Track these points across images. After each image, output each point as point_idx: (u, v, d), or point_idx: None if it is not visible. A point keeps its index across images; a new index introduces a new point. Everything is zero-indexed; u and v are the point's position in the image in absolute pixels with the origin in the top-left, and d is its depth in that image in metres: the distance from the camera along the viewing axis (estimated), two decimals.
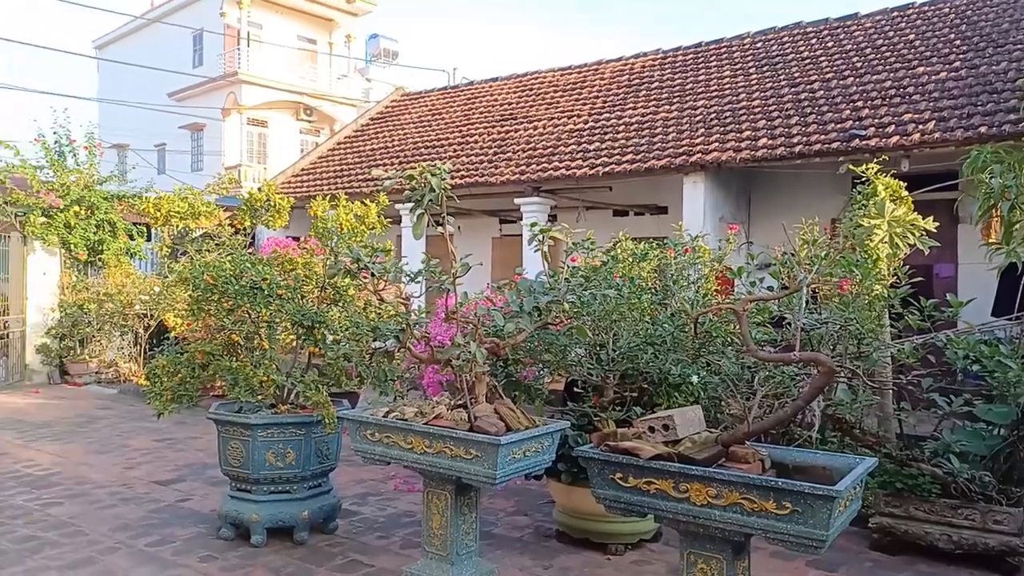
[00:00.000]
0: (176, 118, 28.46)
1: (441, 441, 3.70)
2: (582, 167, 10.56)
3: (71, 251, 12.17)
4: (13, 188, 11.77)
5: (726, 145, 9.64)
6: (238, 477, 4.83)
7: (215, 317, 5.16)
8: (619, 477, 3.22)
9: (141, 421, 8.82)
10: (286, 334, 5.47)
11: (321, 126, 29.73)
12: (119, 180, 13.58)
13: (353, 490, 5.93)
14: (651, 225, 11.41)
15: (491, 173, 11.58)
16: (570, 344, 4.34)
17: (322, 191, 13.73)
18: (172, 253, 12.37)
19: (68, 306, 12.07)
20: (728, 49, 13.07)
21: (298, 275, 5.38)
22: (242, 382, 4.88)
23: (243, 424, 4.73)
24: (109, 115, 30.07)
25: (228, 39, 27.83)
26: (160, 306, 11.05)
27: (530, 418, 3.90)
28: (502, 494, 5.70)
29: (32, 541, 4.77)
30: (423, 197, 3.98)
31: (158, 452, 7.32)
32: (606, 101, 12.72)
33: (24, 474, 6.41)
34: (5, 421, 8.76)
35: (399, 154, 14.40)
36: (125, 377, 11.92)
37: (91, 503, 5.60)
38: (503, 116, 13.84)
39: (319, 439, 4.88)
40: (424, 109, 16.35)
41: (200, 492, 5.93)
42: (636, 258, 4.80)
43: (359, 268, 4.41)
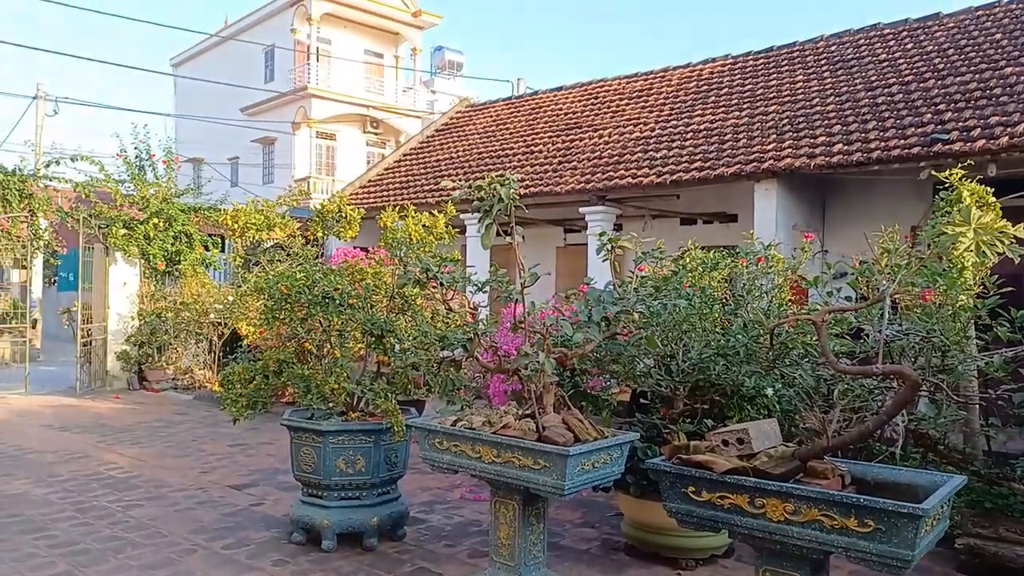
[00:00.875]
0: (248, 132, 29.42)
1: (509, 451, 3.70)
2: (649, 175, 10.45)
3: (150, 262, 12.66)
4: (97, 201, 12.35)
5: (799, 151, 9.40)
6: (309, 483, 4.92)
7: (288, 325, 5.29)
8: (692, 491, 3.16)
9: (216, 426, 9.10)
10: (355, 343, 5.56)
11: (387, 138, 30.29)
12: (195, 193, 14.09)
13: (420, 498, 5.98)
14: (720, 233, 11.20)
15: (556, 182, 11.58)
16: (639, 355, 4.29)
17: (388, 202, 13.97)
18: (245, 263, 12.77)
19: (147, 315, 12.55)
20: (801, 53, 12.77)
21: (368, 285, 5.47)
22: (314, 389, 4.98)
23: (315, 431, 4.83)
24: (185, 130, 31.32)
25: (298, 55, 28.65)
26: (233, 315, 11.38)
27: (599, 429, 3.86)
28: (568, 505, 5.66)
29: (115, 541, 4.96)
30: (491, 207, 4.00)
31: (232, 457, 7.53)
32: (673, 108, 12.57)
33: (107, 476, 6.68)
34: (89, 425, 9.15)
35: (464, 165, 14.54)
36: (200, 383, 12.31)
37: (169, 505, 5.79)
38: (568, 125, 13.83)
39: (388, 446, 4.93)
40: (488, 120, 16.48)
41: (272, 497, 6.07)
42: (706, 267, 4.71)
43: (428, 278, 4.47)
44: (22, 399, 11.03)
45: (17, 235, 11.98)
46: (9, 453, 7.53)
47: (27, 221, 12.11)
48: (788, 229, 9.30)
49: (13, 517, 5.42)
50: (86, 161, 12.47)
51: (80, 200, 12.34)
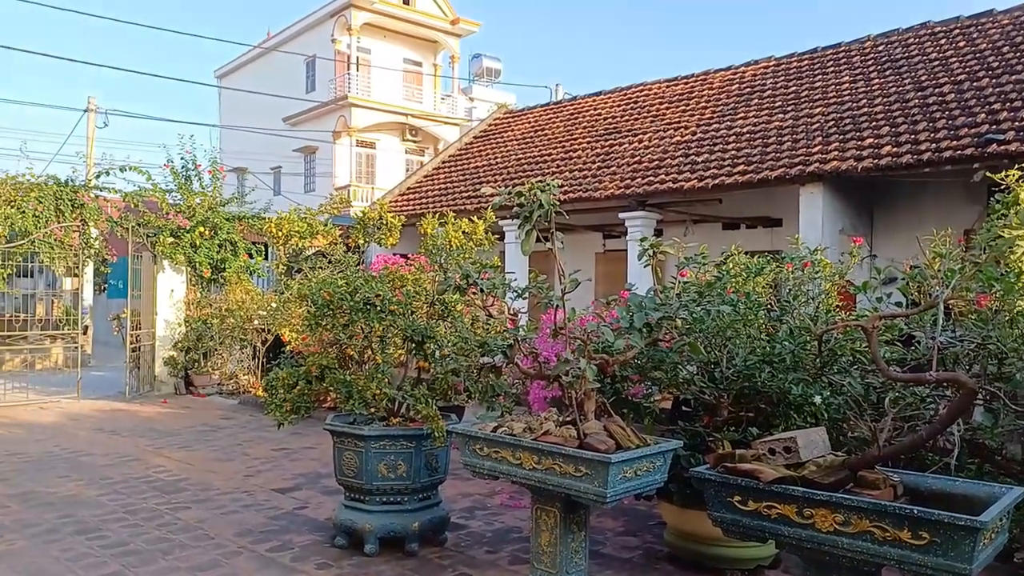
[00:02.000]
0: (290, 142, 29.94)
1: (550, 457, 3.68)
2: (690, 179, 10.35)
3: (196, 269, 12.93)
4: (145, 210, 12.66)
5: (846, 154, 9.22)
6: (352, 487, 4.96)
7: (330, 331, 5.35)
8: (738, 500, 3.11)
9: (260, 431, 9.23)
10: (395, 349, 5.60)
11: (425, 146, 30.55)
12: (239, 202, 14.36)
13: (460, 503, 5.98)
14: (764, 238, 11.04)
15: (595, 188, 11.54)
16: (681, 361, 4.23)
17: (428, 209, 14.08)
18: (287, 271, 12.96)
19: (193, 321, 12.81)
20: (847, 53, 12.54)
21: (408, 291, 5.51)
22: (356, 395, 5.03)
23: (357, 435, 4.86)
24: (230, 140, 31.99)
25: (339, 65, 29.08)
26: (276, 321, 11.56)
27: (641, 437, 3.82)
28: (610, 513, 5.61)
29: (164, 543, 5.06)
30: (532, 213, 3.99)
31: (276, 461, 7.63)
32: (715, 111, 12.44)
33: (156, 479, 6.82)
34: (138, 429, 9.37)
35: (502, 171, 14.57)
36: (244, 388, 12.51)
37: (216, 508, 5.89)
38: (607, 130, 13.78)
39: (429, 452, 4.95)
40: (527, 126, 16.51)
41: (315, 500, 6.14)
42: (750, 273, 4.63)
43: (468, 284, 4.48)
44: (75, 403, 11.35)
45: (69, 244, 12.33)
46: (63, 456, 7.74)
47: (79, 230, 12.46)
48: (835, 233, 9.12)
49: (67, 518, 5.57)
50: (134, 171, 12.81)
51: (129, 209, 12.66)
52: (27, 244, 11.72)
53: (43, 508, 5.82)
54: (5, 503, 5.95)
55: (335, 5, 29.03)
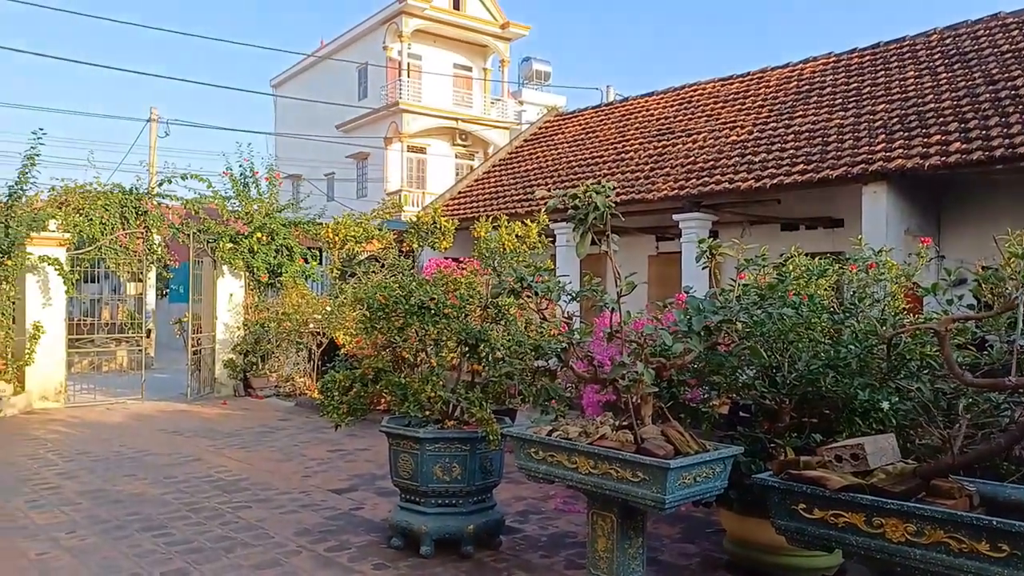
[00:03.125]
0: (343, 148, 30.45)
1: (607, 462, 3.64)
2: (747, 180, 10.15)
3: (254, 274, 13.23)
4: (205, 217, 13.02)
5: (911, 151, 8.92)
6: (407, 489, 5.00)
7: (385, 334, 5.40)
8: (803, 508, 3.03)
9: (316, 432, 9.39)
10: (448, 351, 5.62)
11: (475, 150, 30.71)
12: (295, 208, 14.65)
13: (514, 507, 5.97)
14: (825, 239, 10.77)
15: (648, 189, 11.42)
16: (741, 365, 4.15)
17: (478, 213, 14.14)
18: (341, 275, 13.16)
19: (251, 325, 13.11)
20: (911, 47, 12.15)
21: (462, 294, 5.53)
22: (411, 397, 5.06)
23: (413, 438, 4.90)
24: (285, 148, 32.70)
25: (390, 71, 29.47)
26: (331, 325, 11.74)
27: (700, 442, 3.76)
28: (666, 520, 5.53)
29: (226, 541, 5.17)
30: (587, 216, 3.97)
31: (332, 462, 7.74)
32: (772, 109, 12.19)
33: (217, 478, 6.99)
34: (200, 430, 9.62)
35: (553, 174, 14.55)
36: (300, 391, 12.73)
37: (275, 508, 6.00)
38: (660, 131, 13.63)
39: (483, 455, 4.96)
40: (578, 128, 16.45)
41: (371, 502, 6.20)
42: (812, 275, 4.52)
43: (522, 287, 4.47)
44: (139, 404, 11.71)
45: (134, 250, 12.75)
46: (129, 455, 7.99)
47: (143, 237, 12.88)
48: (900, 234, 8.83)
49: (134, 515, 5.75)
50: (195, 179, 13.18)
51: (189, 216, 13.03)
52: (94, 250, 12.15)
53: (111, 505, 6.01)
54: (76, 500, 6.17)
55: (387, 13, 29.44)
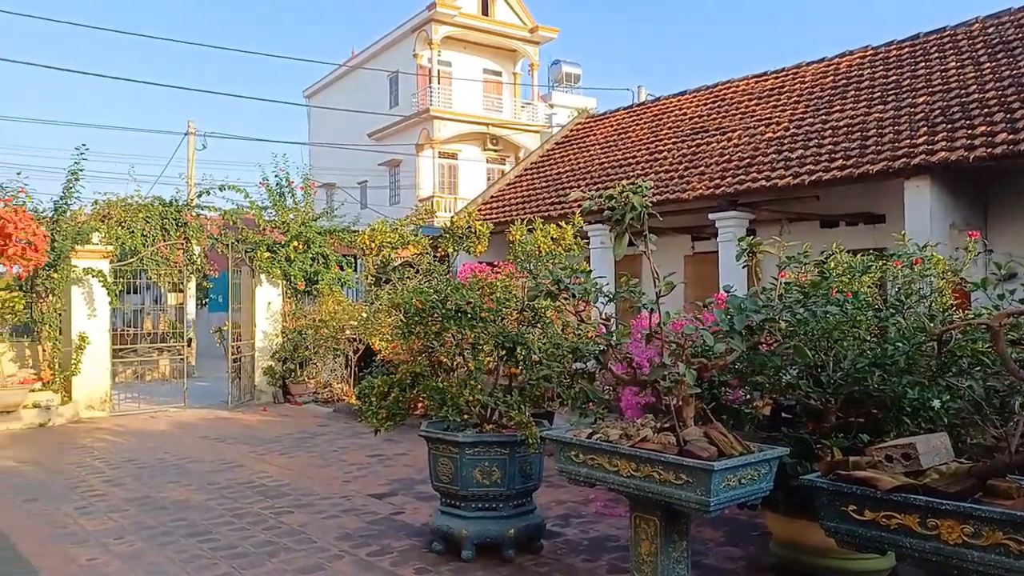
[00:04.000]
0: (376, 156, 30.72)
1: (649, 464, 3.60)
2: (784, 176, 9.99)
3: (291, 282, 13.39)
4: (243, 227, 13.22)
5: (955, 143, 8.69)
6: (447, 493, 5.00)
7: (422, 339, 5.41)
8: (853, 509, 2.96)
9: (354, 437, 9.46)
10: (484, 355, 5.62)
11: (506, 154, 30.77)
12: (329, 216, 14.80)
13: (554, 511, 5.94)
14: (866, 235, 10.55)
15: (683, 189, 11.32)
16: (784, 365, 4.07)
17: (511, 217, 14.14)
18: (376, 281, 13.26)
19: (289, 332, 13.26)
20: (952, 38, 11.87)
21: (498, 298, 5.52)
22: (449, 401, 5.07)
23: (452, 442, 4.90)
24: (318, 157, 33.10)
25: (420, 79, 29.67)
26: (367, 331, 11.83)
27: (744, 444, 3.70)
28: (709, 523, 5.46)
29: (269, 546, 5.22)
30: (623, 216, 3.93)
31: (371, 467, 7.79)
32: (808, 105, 11.99)
33: (259, 484, 7.07)
34: (241, 436, 9.75)
35: (585, 176, 14.50)
36: (338, 397, 12.84)
37: (317, 513, 6.05)
38: (694, 129, 13.50)
39: (522, 458, 4.94)
40: (610, 130, 16.37)
41: (411, 506, 6.22)
42: (855, 271, 4.42)
43: (559, 290, 4.45)
44: (182, 412, 11.92)
45: (174, 261, 12.99)
46: (173, 462, 8.13)
47: (183, 248, 13.12)
48: (944, 228, 8.61)
49: (180, 521, 5.84)
50: (233, 190, 13.39)
51: (228, 226, 13.24)
52: (136, 262, 12.41)
53: (157, 512, 6.12)
54: (123, 507, 6.28)
55: (416, 21, 29.66)
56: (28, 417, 10.45)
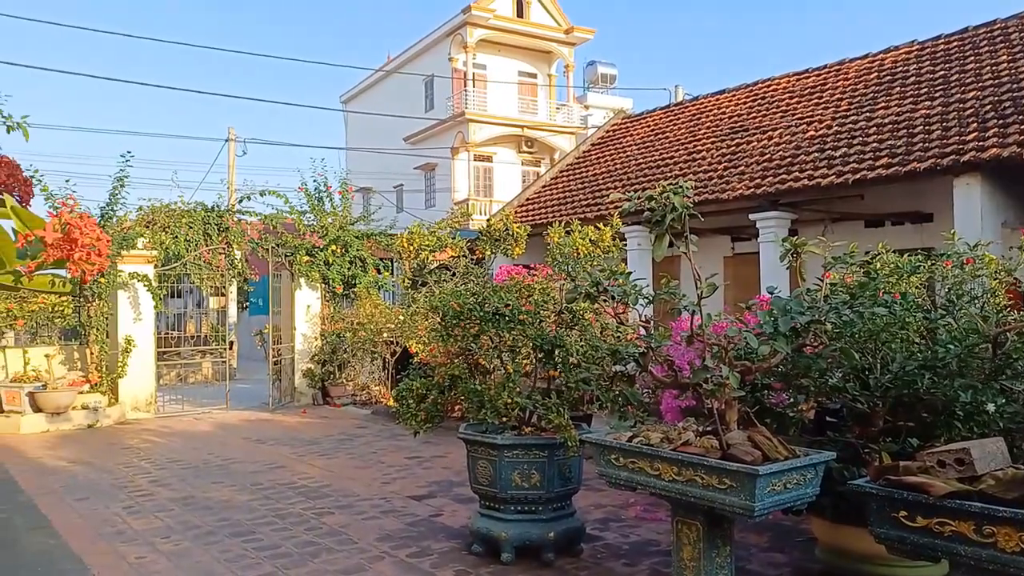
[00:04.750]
0: (411, 160, 30.96)
1: (691, 469, 3.56)
2: (827, 176, 9.81)
3: (329, 285, 13.55)
4: (283, 231, 13.41)
5: (1007, 139, 8.44)
6: (486, 495, 5.00)
7: (461, 342, 5.42)
8: (904, 516, 2.89)
9: (392, 439, 9.52)
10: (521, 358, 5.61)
11: (541, 156, 30.76)
12: (366, 220, 14.95)
13: (593, 515, 5.90)
14: (912, 235, 10.31)
15: (722, 189, 11.18)
16: (830, 368, 3.99)
17: (547, 219, 14.12)
18: (412, 284, 13.34)
19: (328, 335, 13.41)
20: (1003, 30, 11.53)
21: (536, 300, 5.51)
22: (488, 404, 5.07)
23: (490, 444, 4.90)
24: (355, 161, 33.46)
25: (455, 82, 29.84)
26: (404, 334, 11.90)
27: (789, 448, 3.63)
28: (752, 528, 5.37)
29: (312, 546, 5.28)
30: (664, 217, 3.89)
31: (409, 469, 7.83)
32: (852, 102, 11.75)
33: (300, 485, 7.15)
34: (282, 437, 9.88)
35: (622, 177, 14.41)
36: (376, 399, 12.95)
37: (357, 514, 6.10)
38: (733, 129, 13.32)
39: (561, 461, 4.91)
40: (647, 130, 16.25)
41: (450, 508, 6.24)
42: (902, 272, 4.32)
43: (598, 292, 4.42)
44: (224, 414, 12.13)
45: (216, 265, 13.22)
46: (217, 463, 8.27)
47: (224, 252, 13.34)
48: (996, 227, 8.36)
49: (224, 521, 5.93)
50: (272, 195, 13.59)
51: (268, 231, 13.43)
52: (179, 266, 12.66)
53: (202, 512, 6.22)
54: (169, 507, 6.41)
55: (451, 24, 29.83)
56: (77, 418, 10.72)
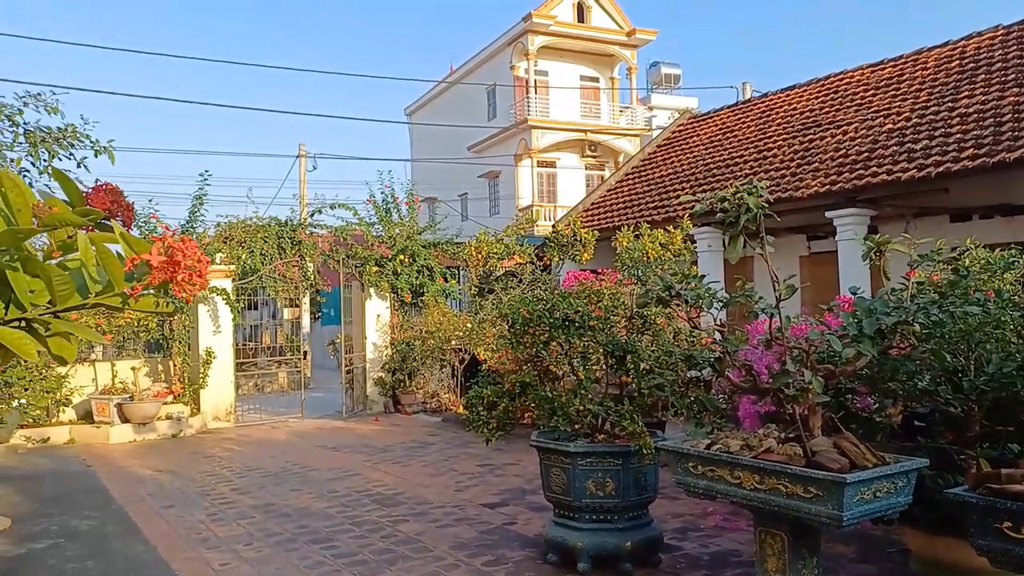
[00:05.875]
0: (475, 168, 31.20)
1: (774, 477, 3.44)
2: (908, 170, 9.39)
3: (398, 294, 13.74)
4: (353, 243, 13.68)
5: None
6: (560, 504, 4.95)
7: (530, 348, 5.40)
8: (1008, 527, 2.73)
9: (463, 447, 9.56)
10: (591, 364, 5.55)
11: (605, 160, 30.56)
12: (433, 230, 15.11)
13: (671, 524, 5.78)
14: (1003, 229, 9.78)
15: (795, 187, 10.85)
16: (919, 370, 3.80)
17: (613, 223, 13.98)
18: (479, 291, 13.40)
19: (398, 343, 13.60)
20: None
21: (606, 306, 5.45)
22: (560, 411, 5.02)
23: (564, 452, 4.85)
24: (420, 172, 33.94)
25: (517, 90, 29.95)
26: (472, 341, 11.96)
27: (878, 454, 3.47)
28: (839, 538, 5.16)
29: (388, 554, 5.33)
30: (738, 218, 3.79)
31: (481, 476, 7.84)
32: (932, 92, 11.22)
33: (375, 492, 7.25)
34: (355, 445, 10.04)
35: (689, 178, 14.16)
36: (446, 406, 13.04)
37: (431, 522, 6.13)
38: (805, 125, 12.92)
39: (637, 469, 4.83)
40: (714, 129, 15.95)
41: (523, 516, 6.21)
42: (996, 268, 4.08)
43: (671, 296, 4.33)
44: (300, 422, 12.42)
45: (290, 277, 13.58)
46: (294, 471, 8.46)
47: (298, 265, 13.69)
48: None
49: (303, 528, 6.05)
50: (342, 208, 13.89)
51: (338, 243, 13.73)
52: (255, 280, 13.05)
53: (282, 519, 6.36)
54: (251, 514, 6.58)
55: (512, 33, 29.97)
56: (162, 428, 11.15)
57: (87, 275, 1.45)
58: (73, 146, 5.76)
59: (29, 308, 1.40)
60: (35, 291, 1.41)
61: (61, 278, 1.38)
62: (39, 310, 1.41)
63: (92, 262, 1.45)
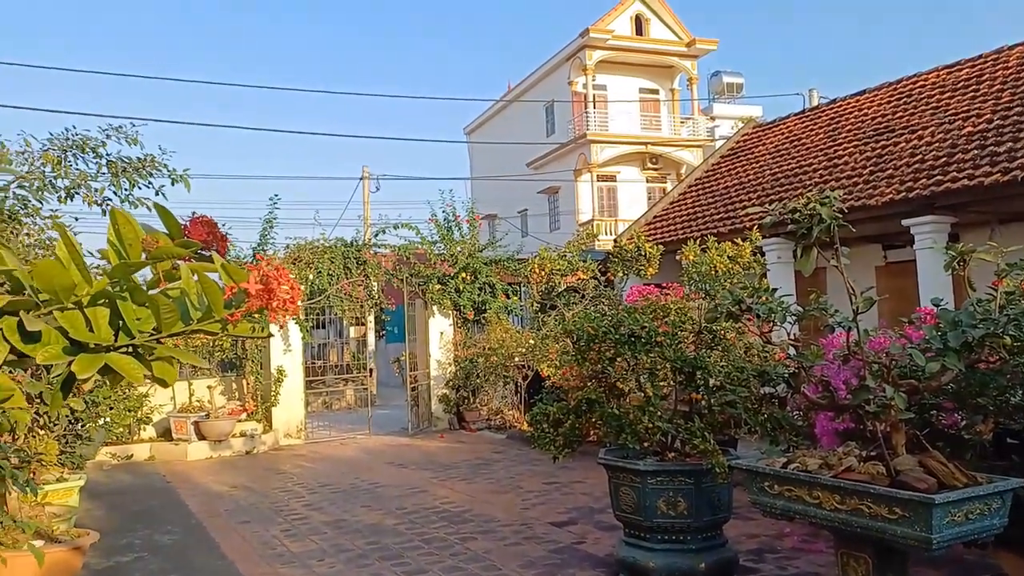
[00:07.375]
0: (535, 185, 31.29)
1: (856, 497, 3.33)
2: (991, 174, 8.97)
3: (461, 312, 13.84)
4: (416, 262, 13.86)
5: None
6: (630, 523, 4.87)
7: (595, 365, 5.34)
8: None
9: (529, 464, 9.52)
10: (659, 380, 5.45)
11: (667, 172, 30.25)
12: (493, 246, 15.19)
13: (746, 545, 5.61)
14: None
15: (868, 195, 10.49)
16: (1012, 384, 3.61)
17: (677, 236, 13.79)
18: (541, 308, 13.37)
19: (461, 360, 13.67)
20: None
21: (673, 321, 5.36)
22: (628, 428, 4.95)
23: (633, 470, 4.78)
24: (480, 190, 34.23)
25: (576, 105, 29.97)
26: (535, 358, 11.92)
27: (968, 474, 3.31)
28: (927, 561, 4.91)
29: (457, 572, 5.33)
30: (811, 229, 3.68)
31: (548, 494, 7.78)
32: (1015, 92, 10.68)
33: (443, 509, 7.27)
34: (422, 462, 10.11)
35: (756, 188, 13.87)
36: (510, 423, 13.01)
37: (499, 540, 6.11)
38: (877, 130, 12.49)
39: (709, 488, 4.72)
40: (780, 138, 15.60)
41: (592, 536, 6.13)
42: None
43: (741, 310, 4.24)
44: (367, 439, 12.59)
45: (356, 297, 13.83)
46: (364, 487, 8.57)
47: (363, 284, 13.94)
48: None
49: (373, 544, 6.11)
50: (405, 227, 14.11)
51: (402, 262, 13.93)
52: (323, 299, 13.33)
53: (352, 535, 6.44)
54: (323, 530, 6.68)
55: (570, 48, 30.05)
56: (236, 445, 11.45)
57: (189, 303, 1.53)
58: (151, 175, 5.99)
59: (137, 335, 1.48)
60: (141, 318, 1.49)
61: (167, 307, 1.46)
62: (144, 336, 1.50)
63: (194, 291, 1.53)
